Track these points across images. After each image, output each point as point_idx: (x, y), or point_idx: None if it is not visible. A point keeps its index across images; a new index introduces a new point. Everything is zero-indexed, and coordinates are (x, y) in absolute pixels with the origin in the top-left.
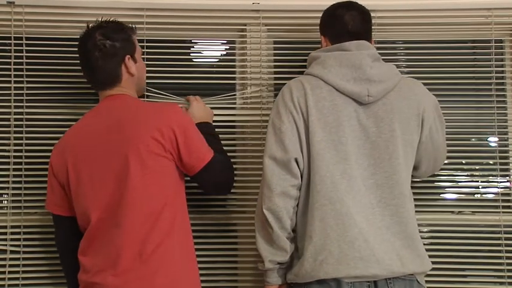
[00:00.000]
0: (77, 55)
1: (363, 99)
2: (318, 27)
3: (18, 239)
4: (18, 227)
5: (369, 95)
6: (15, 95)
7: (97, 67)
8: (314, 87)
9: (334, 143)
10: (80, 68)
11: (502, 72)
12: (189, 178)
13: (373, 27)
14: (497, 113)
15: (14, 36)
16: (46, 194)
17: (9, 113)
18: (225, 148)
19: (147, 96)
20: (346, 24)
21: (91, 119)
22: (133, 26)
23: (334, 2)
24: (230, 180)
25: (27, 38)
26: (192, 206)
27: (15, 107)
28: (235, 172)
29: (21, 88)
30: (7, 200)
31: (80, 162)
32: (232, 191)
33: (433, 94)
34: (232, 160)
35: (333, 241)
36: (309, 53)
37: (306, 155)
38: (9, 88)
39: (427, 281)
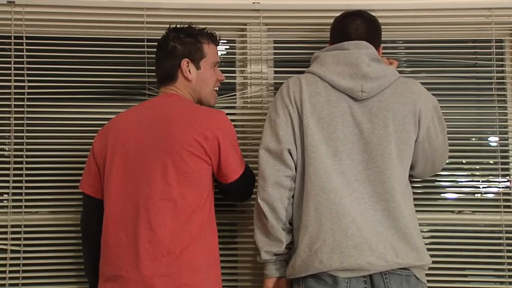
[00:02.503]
0: (78, 54)
1: (356, 94)
2: (318, 27)
3: (19, 239)
4: (19, 226)
5: (363, 90)
6: (16, 93)
7: (157, 64)
8: (310, 83)
9: (325, 138)
10: (80, 67)
11: (503, 72)
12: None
13: None
14: (497, 112)
15: (14, 36)
16: (82, 174)
17: (9, 112)
18: None
19: (149, 96)
20: (349, 34)
21: (141, 109)
22: (216, 35)
23: (334, 3)
24: (252, 190)
25: (27, 38)
26: None
27: (17, 106)
28: None
29: (22, 87)
30: (8, 200)
31: (117, 148)
32: None
33: (434, 94)
34: None
35: (327, 230)
36: (309, 52)
37: (300, 147)
38: (9, 87)
39: (427, 281)
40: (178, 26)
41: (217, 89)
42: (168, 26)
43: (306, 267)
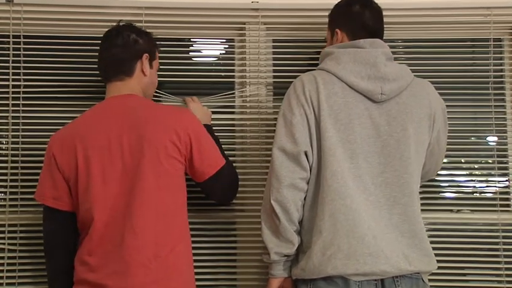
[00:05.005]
0: (75, 54)
1: (375, 97)
2: (317, 26)
3: (15, 238)
4: (15, 225)
5: (382, 93)
6: (13, 93)
7: (115, 54)
8: (326, 82)
9: (342, 141)
10: (77, 66)
11: (501, 71)
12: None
13: None
14: (495, 111)
15: (12, 35)
16: (38, 185)
17: (7, 111)
18: (223, 147)
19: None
20: (366, 22)
21: (101, 113)
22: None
23: (334, 2)
24: (236, 188)
25: (25, 37)
26: (192, 205)
27: (13, 105)
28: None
29: (19, 86)
30: (5, 199)
31: (92, 156)
32: None
33: None
34: (231, 159)
35: (342, 236)
36: (308, 52)
37: (316, 149)
38: (7, 86)
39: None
40: (127, 24)
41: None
42: (166, 25)
43: (317, 271)
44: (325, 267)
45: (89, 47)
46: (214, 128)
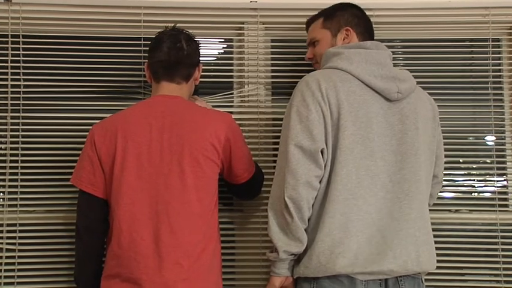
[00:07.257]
0: (74, 53)
1: (392, 95)
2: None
3: (14, 237)
4: (14, 225)
5: (399, 91)
6: (12, 92)
7: (181, 60)
8: (343, 80)
9: (362, 138)
10: (77, 66)
11: (499, 71)
12: None
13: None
14: (494, 111)
15: (11, 34)
16: (75, 170)
17: (6, 111)
18: None
19: (144, 94)
20: (369, 24)
21: (145, 109)
22: None
23: (332, 2)
24: (261, 186)
25: (24, 36)
26: None
27: (12, 105)
28: None
29: (18, 86)
30: (3, 198)
31: (130, 149)
32: None
33: (430, 93)
34: None
35: (352, 236)
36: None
37: (331, 147)
38: (6, 86)
39: (425, 280)
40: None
41: None
42: (165, 25)
43: (324, 269)
44: (332, 265)
45: (87, 47)
46: None
